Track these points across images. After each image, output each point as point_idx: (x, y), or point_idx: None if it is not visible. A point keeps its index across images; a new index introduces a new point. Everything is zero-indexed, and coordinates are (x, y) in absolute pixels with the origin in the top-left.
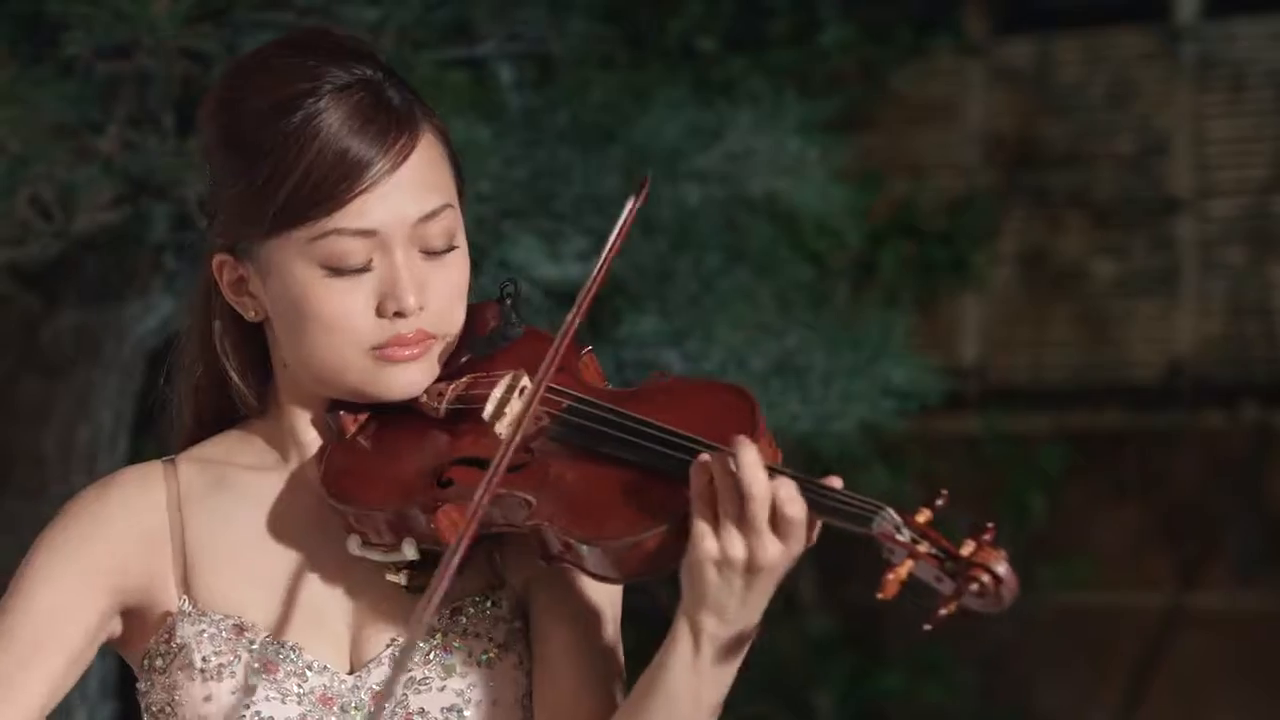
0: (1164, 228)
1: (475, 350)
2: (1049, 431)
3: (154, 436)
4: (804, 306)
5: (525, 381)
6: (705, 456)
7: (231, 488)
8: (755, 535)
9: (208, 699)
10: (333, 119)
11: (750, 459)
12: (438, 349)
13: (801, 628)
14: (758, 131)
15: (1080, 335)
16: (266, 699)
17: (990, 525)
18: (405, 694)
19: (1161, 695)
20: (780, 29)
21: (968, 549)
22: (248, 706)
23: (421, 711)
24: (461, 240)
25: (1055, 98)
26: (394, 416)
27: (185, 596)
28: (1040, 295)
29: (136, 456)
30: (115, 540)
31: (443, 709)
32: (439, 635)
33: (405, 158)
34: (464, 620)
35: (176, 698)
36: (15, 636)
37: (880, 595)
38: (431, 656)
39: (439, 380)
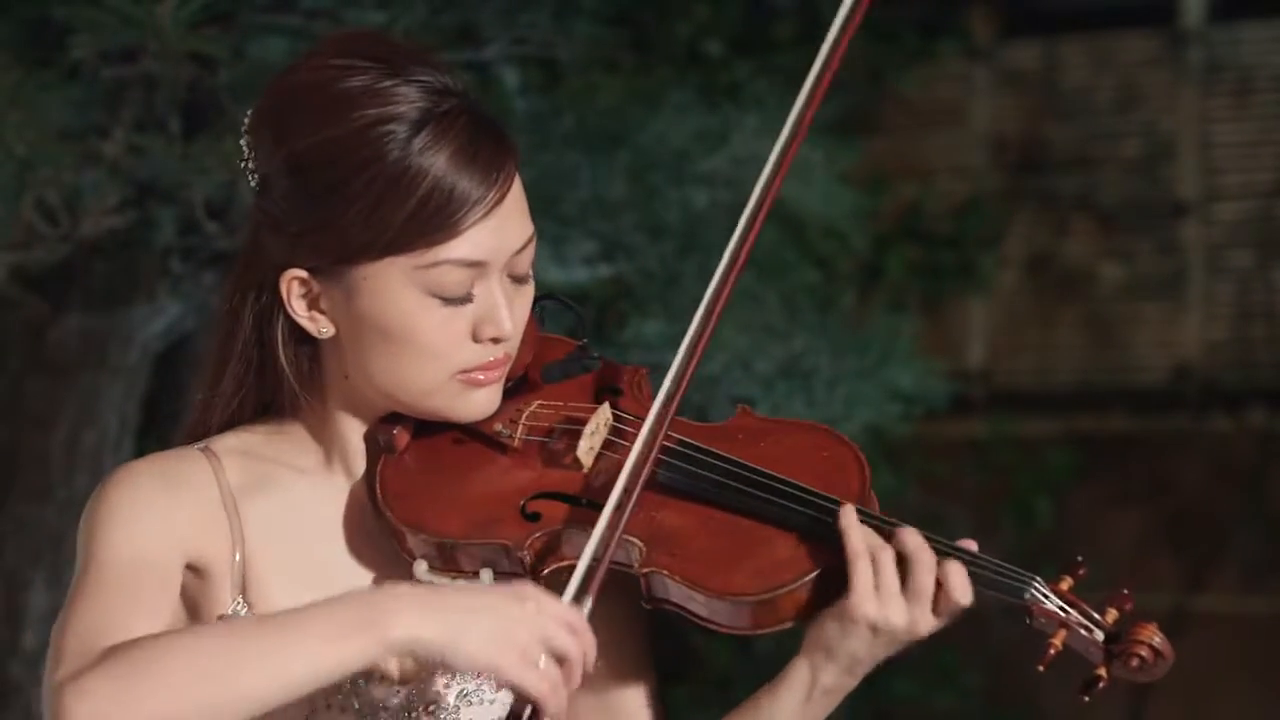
0: (1170, 231)
1: (549, 377)
2: (1055, 435)
3: (159, 440)
4: (810, 310)
5: (608, 415)
6: (853, 522)
7: (280, 489)
8: (919, 605)
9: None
10: (443, 151)
11: (918, 540)
12: (507, 370)
13: None
14: (764, 135)
15: (1086, 339)
16: (327, 706)
17: (1126, 592)
18: (458, 706)
19: (1167, 698)
20: (786, 32)
21: (1110, 617)
22: (308, 717)
23: None
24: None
25: (1061, 101)
26: (442, 434)
27: (240, 597)
28: (1046, 299)
29: None
30: (184, 503)
31: None
32: None
33: (509, 188)
34: None
35: None
36: (121, 587)
37: (1040, 667)
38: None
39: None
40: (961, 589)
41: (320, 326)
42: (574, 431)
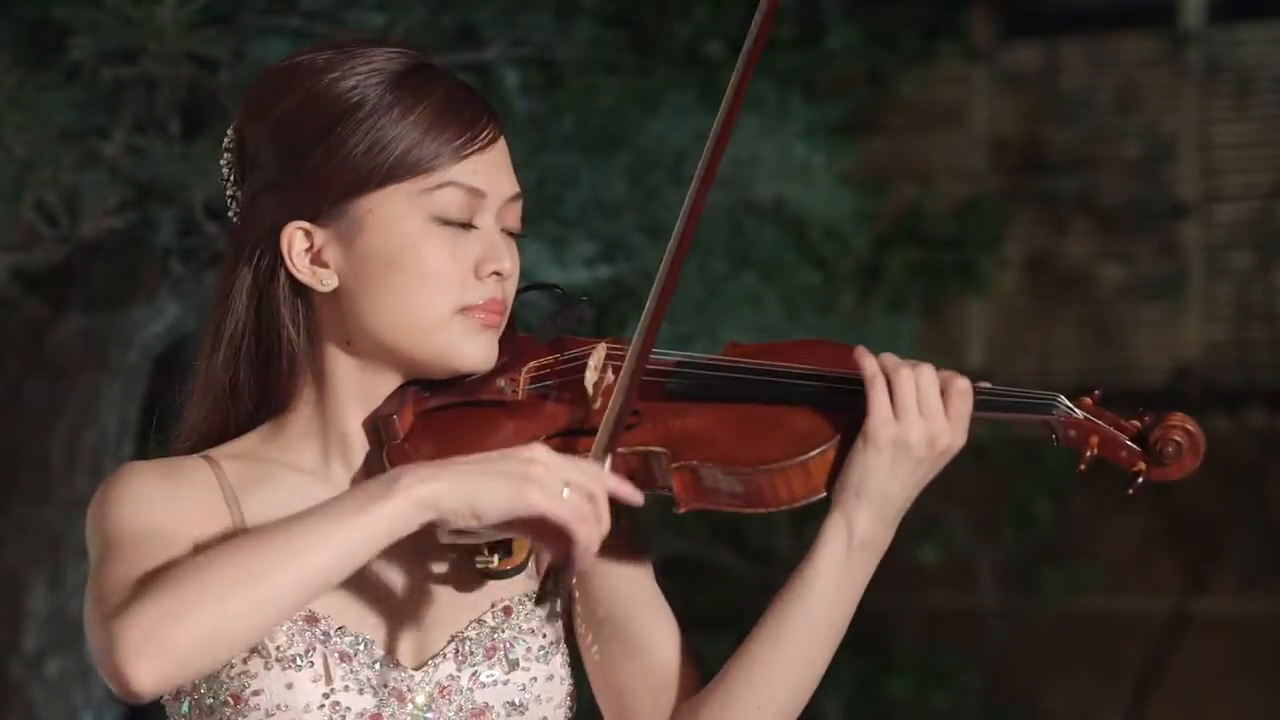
0: (1170, 233)
1: (543, 335)
2: None
3: (160, 441)
4: (810, 311)
5: (605, 350)
6: (864, 351)
7: (280, 485)
8: (932, 418)
9: (289, 687)
10: (434, 94)
11: (917, 362)
12: (502, 326)
13: None
14: (764, 136)
15: (1086, 340)
16: (345, 689)
17: (1141, 410)
18: (471, 689)
19: (1167, 700)
20: (786, 34)
21: (1134, 424)
22: (327, 696)
23: (486, 706)
24: None
25: (1061, 102)
26: (443, 414)
27: None
28: (1046, 300)
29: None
30: (185, 493)
31: (505, 703)
32: (500, 632)
33: (499, 135)
34: (517, 620)
35: (252, 686)
36: (137, 552)
37: (1081, 466)
38: (496, 652)
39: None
40: (954, 376)
41: (323, 279)
42: (575, 370)
